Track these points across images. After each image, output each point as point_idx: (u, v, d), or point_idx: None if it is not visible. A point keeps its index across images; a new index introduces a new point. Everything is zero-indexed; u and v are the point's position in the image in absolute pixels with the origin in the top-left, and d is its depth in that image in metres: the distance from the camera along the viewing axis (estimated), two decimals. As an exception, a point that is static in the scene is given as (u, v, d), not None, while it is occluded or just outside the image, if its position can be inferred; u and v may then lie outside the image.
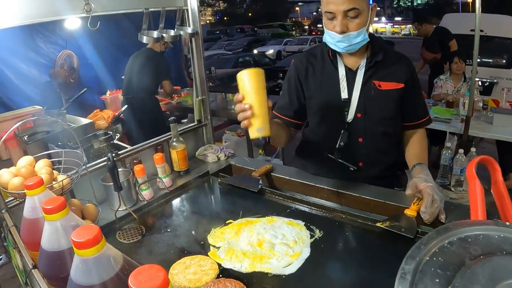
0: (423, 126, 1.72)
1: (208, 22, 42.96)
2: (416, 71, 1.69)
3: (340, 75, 1.61)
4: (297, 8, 46.39)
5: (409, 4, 41.45)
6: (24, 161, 1.42)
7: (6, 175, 1.34)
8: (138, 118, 4.02)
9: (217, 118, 4.91)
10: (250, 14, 43.74)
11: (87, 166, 1.66)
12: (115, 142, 2.68)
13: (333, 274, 1.23)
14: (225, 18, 44.17)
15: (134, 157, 1.91)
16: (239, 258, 1.28)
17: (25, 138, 2.61)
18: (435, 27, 5.42)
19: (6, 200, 1.46)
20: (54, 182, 1.37)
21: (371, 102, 1.59)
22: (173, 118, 1.96)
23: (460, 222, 0.77)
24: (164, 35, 2.07)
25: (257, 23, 35.24)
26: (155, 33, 2.05)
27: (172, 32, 2.11)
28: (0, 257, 3.32)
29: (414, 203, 1.42)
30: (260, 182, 1.77)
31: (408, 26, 33.80)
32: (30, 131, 2.70)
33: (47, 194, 1.07)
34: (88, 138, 2.39)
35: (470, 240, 0.72)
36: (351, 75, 1.60)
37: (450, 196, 2.59)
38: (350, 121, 1.61)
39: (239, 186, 1.80)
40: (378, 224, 1.38)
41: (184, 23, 2.17)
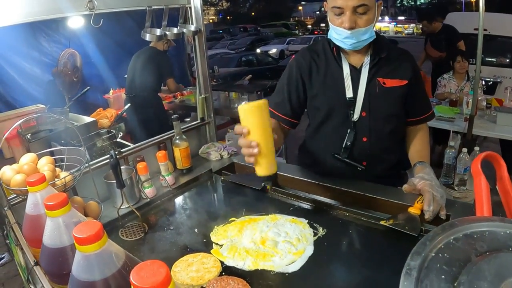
0: (427, 121, 1.72)
1: (211, 21, 43.00)
2: (418, 66, 1.68)
3: (344, 74, 1.59)
4: (300, 7, 46.35)
5: (412, 3, 41.33)
6: (26, 158, 1.42)
7: (8, 172, 1.34)
8: (141, 117, 4.02)
9: (220, 116, 4.91)
10: (253, 13, 43.76)
11: (90, 163, 1.66)
12: (118, 140, 2.67)
13: (336, 272, 1.22)
14: (228, 18, 44.19)
15: (137, 155, 1.91)
16: (242, 256, 1.27)
17: (28, 137, 2.61)
18: (442, 24, 5.38)
19: (9, 198, 1.46)
20: (56, 179, 1.36)
21: (375, 100, 1.58)
22: (176, 116, 1.95)
23: (465, 218, 0.76)
24: (167, 33, 2.07)
25: (260, 22, 35.28)
26: (158, 31, 2.05)
27: (175, 30, 2.10)
28: (3, 255, 3.33)
29: (418, 201, 1.41)
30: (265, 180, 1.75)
31: (411, 25, 33.69)
32: (33, 129, 2.69)
33: (49, 190, 1.07)
34: (91, 137, 2.39)
35: (476, 236, 0.71)
36: (355, 73, 1.58)
37: (453, 195, 2.58)
38: (356, 120, 1.60)
39: (242, 184, 1.80)
40: (381, 222, 1.38)
41: (187, 21, 2.17)
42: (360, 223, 1.45)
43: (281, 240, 1.33)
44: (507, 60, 6.07)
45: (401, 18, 39.55)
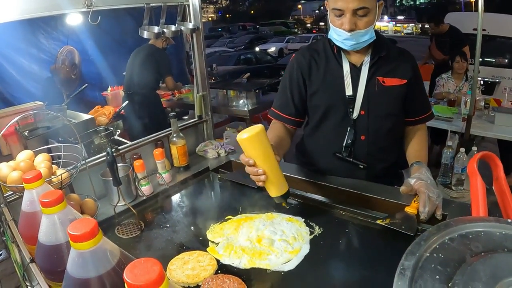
0: (426, 121, 1.72)
1: (210, 19, 42.92)
2: (418, 66, 1.68)
3: (344, 72, 1.59)
4: (299, 6, 46.26)
5: (411, 3, 41.31)
6: (23, 155, 1.41)
7: (5, 169, 1.33)
8: (139, 114, 4.01)
9: (218, 115, 4.90)
10: (252, 12, 43.73)
11: (87, 161, 1.65)
12: (116, 138, 2.67)
13: (332, 271, 1.22)
14: (227, 16, 44.16)
15: (134, 152, 1.91)
16: (238, 254, 1.27)
17: (25, 134, 2.61)
18: (449, 26, 5.34)
19: (5, 195, 1.46)
20: (53, 176, 1.36)
21: (375, 98, 1.58)
22: (173, 114, 1.95)
23: (461, 218, 0.76)
24: (165, 30, 2.07)
25: (259, 20, 35.19)
26: (156, 28, 2.05)
27: (173, 28, 2.10)
28: (1, 252, 3.32)
29: (414, 201, 1.41)
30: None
31: (410, 25, 33.69)
32: (30, 126, 2.69)
33: (46, 188, 1.07)
34: (89, 134, 2.39)
35: (471, 236, 0.71)
36: (355, 71, 1.58)
37: (451, 195, 2.58)
38: (355, 118, 1.60)
39: (239, 182, 1.80)
40: (378, 222, 1.38)
41: (185, 18, 2.16)
42: (356, 222, 1.45)
43: (277, 239, 1.33)
44: (506, 60, 6.07)
45: (400, 17, 39.54)
